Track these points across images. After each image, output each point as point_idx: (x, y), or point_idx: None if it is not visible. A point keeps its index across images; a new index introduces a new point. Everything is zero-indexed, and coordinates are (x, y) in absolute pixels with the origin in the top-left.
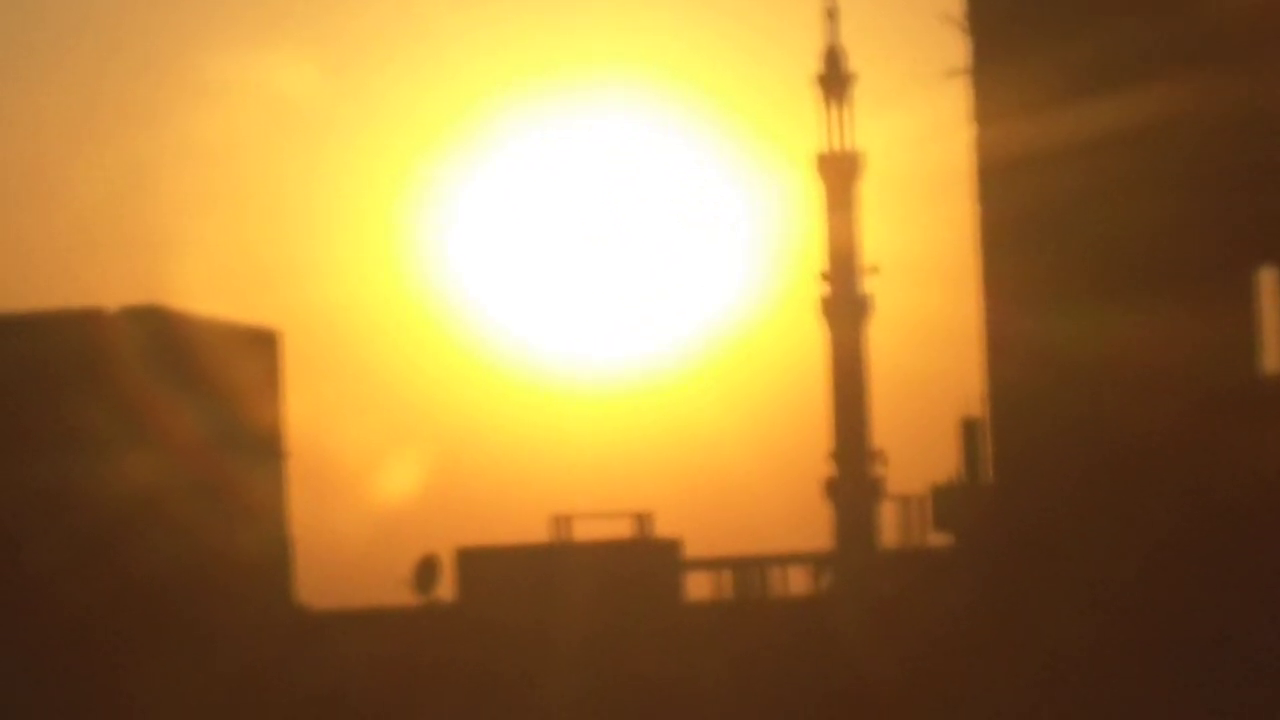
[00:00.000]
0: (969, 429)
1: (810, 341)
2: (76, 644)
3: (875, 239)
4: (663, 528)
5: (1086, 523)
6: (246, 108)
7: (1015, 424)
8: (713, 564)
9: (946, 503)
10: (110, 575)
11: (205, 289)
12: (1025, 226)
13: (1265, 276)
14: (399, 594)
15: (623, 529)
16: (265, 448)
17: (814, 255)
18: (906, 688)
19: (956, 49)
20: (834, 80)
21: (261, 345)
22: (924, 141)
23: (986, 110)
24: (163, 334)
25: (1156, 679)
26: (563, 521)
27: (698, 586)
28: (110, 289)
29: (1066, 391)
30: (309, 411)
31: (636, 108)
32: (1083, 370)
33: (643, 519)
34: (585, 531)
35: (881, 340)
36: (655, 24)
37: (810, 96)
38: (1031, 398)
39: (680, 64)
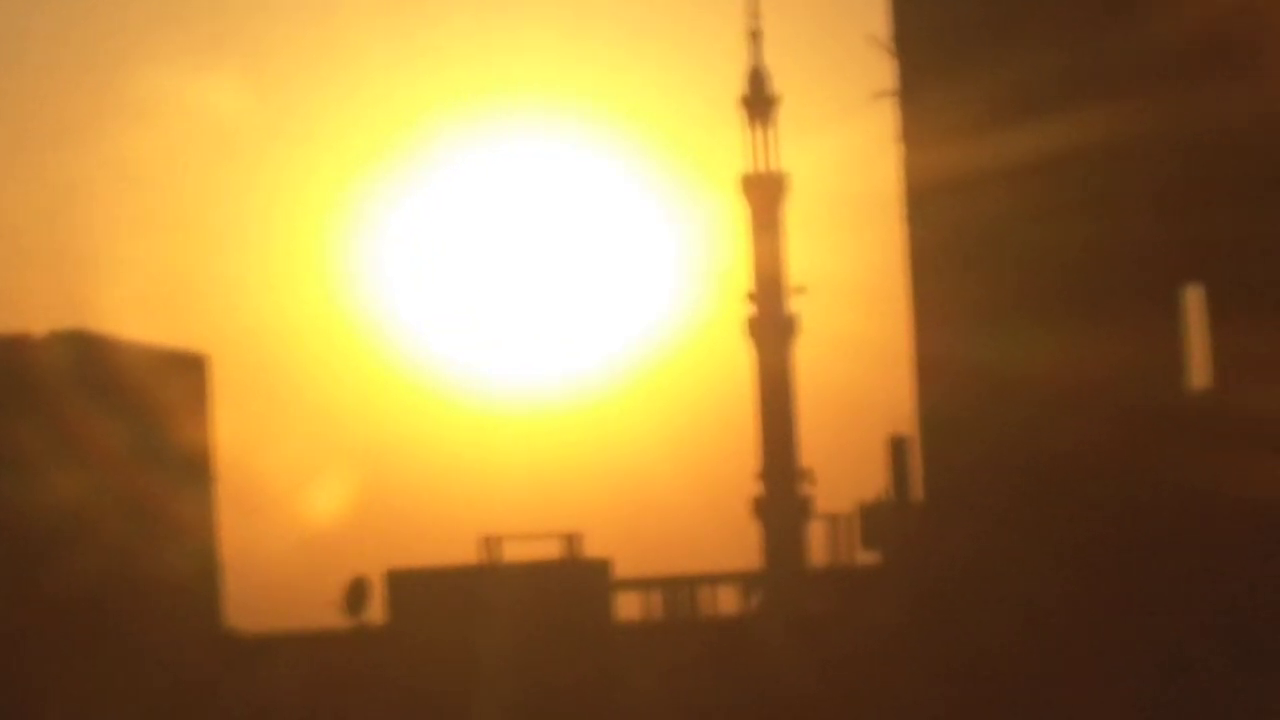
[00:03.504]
0: (897, 447)
1: (737, 361)
2: (2, 663)
3: (802, 260)
4: (592, 548)
5: (1015, 540)
6: (174, 128)
7: (945, 443)
8: (642, 584)
9: (874, 521)
10: (37, 596)
11: (133, 312)
12: (953, 248)
13: (1191, 295)
14: (329, 616)
15: (552, 550)
16: (194, 470)
17: (740, 276)
18: (835, 706)
19: (883, 71)
20: (758, 102)
21: (189, 368)
22: (850, 163)
23: (914, 132)
24: (90, 358)
25: (1086, 695)
26: (492, 542)
27: (628, 606)
28: (38, 312)
29: (996, 410)
30: (238, 434)
31: (562, 129)
32: (1012, 389)
33: (572, 539)
34: (515, 553)
35: (809, 360)
36: (580, 46)
37: (735, 118)
38: (961, 417)
39: (605, 86)
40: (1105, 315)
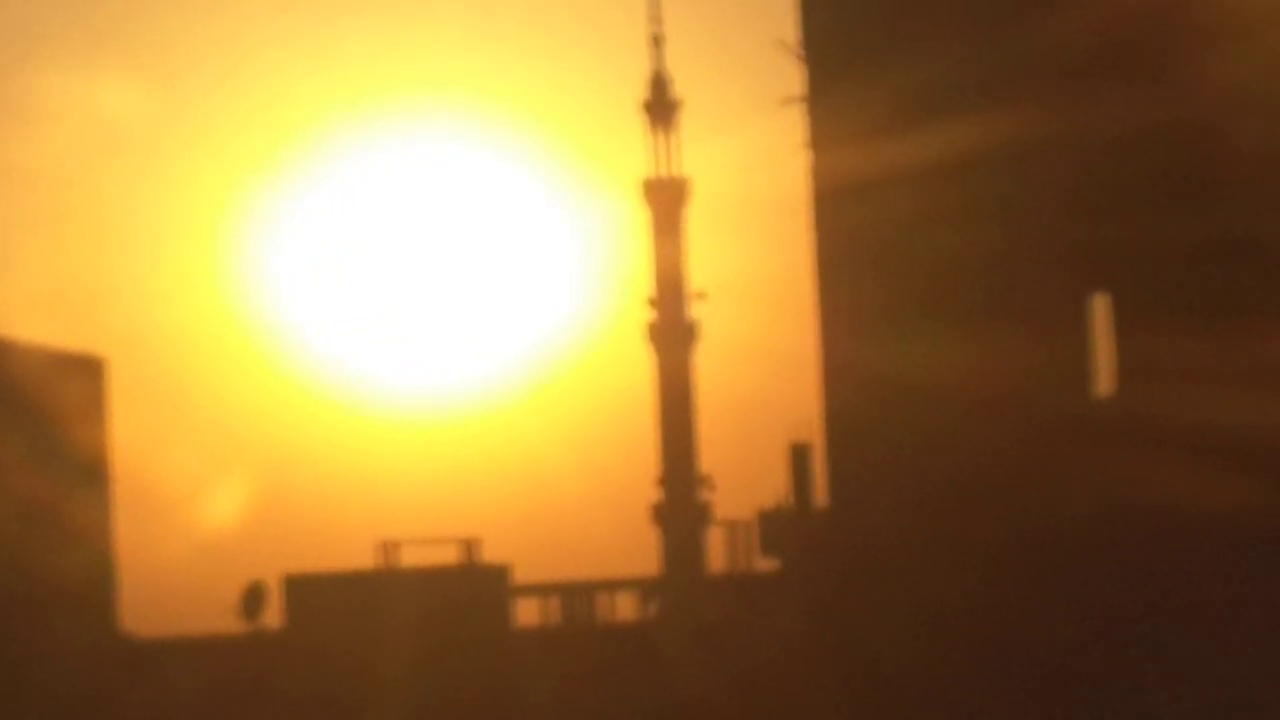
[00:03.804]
0: (798, 454)
1: (638, 367)
2: None
3: (705, 265)
4: (491, 553)
5: (920, 546)
6: (69, 130)
7: (850, 448)
8: (541, 590)
9: (774, 528)
10: None
11: (29, 314)
12: (861, 252)
13: (1099, 302)
14: (226, 621)
15: (450, 555)
16: (90, 474)
17: (641, 281)
18: (734, 713)
19: (787, 76)
20: (660, 107)
21: (87, 371)
22: (753, 168)
23: (821, 136)
24: None
25: (988, 704)
26: (390, 547)
27: (526, 612)
28: None
29: (902, 415)
30: (135, 437)
31: (464, 133)
32: (918, 395)
33: (470, 545)
34: (413, 557)
35: (711, 365)
36: (483, 50)
37: (638, 123)
38: (867, 422)
39: (507, 89)
40: (1012, 322)
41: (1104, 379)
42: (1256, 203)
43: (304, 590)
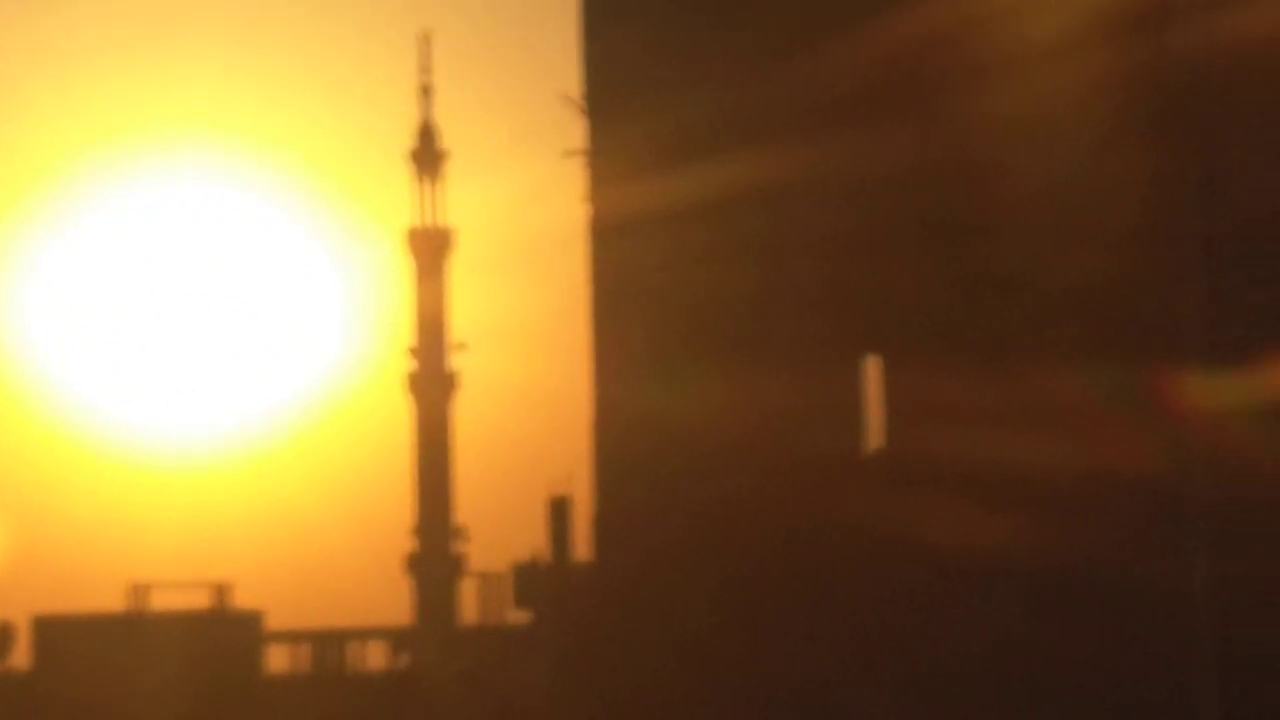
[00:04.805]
0: (557, 507)
1: (398, 417)
2: None
3: (470, 314)
4: (243, 599)
5: (682, 587)
6: None
7: (618, 491)
8: (292, 636)
9: (527, 580)
10: None
11: None
12: (632, 299)
13: (869, 346)
14: None
15: (202, 599)
16: None
17: (403, 330)
18: None
19: (556, 124)
20: (427, 156)
21: None
22: (522, 217)
23: (598, 181)
24: None
25: None
26: (140, 590)
27: (278, 659)
28: None
29: (668, 457)
30: None
31: (229, 178)
32: (684, 436)
33: (222, 589)
34: (164, 601)
35: (472, 418)
36: (253, 93)
37: (405, 172)
38: (635, 464)
39: (276, 135)
40: (779, 360)
41: (873, 415)
42: (1025, 241)
43: (53, 632)
